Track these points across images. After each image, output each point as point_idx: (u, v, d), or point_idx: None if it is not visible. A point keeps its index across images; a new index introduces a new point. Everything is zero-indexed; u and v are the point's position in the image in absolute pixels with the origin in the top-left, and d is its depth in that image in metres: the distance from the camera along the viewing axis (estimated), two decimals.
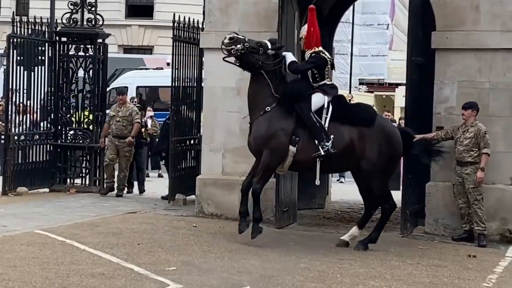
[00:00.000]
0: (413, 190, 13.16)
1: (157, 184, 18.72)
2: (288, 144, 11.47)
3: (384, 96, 52.57)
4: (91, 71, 17.03)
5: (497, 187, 12.88)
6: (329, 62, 11.83)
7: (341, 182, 21.87)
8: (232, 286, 8.95)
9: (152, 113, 21.75)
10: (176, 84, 15.78)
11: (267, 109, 11.60)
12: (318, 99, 11.62)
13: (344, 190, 18.99)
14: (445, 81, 13.12)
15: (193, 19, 16.40)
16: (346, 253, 11.20)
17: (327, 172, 13.05)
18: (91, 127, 17.08)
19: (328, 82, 11.78)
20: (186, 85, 16.04)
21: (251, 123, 11.80)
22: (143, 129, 17.71)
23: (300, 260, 10.51)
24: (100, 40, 17.17)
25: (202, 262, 10.11)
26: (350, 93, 43.94)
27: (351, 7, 30.31)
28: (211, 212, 13.95)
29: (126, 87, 22.58)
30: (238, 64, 11.82)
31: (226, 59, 11.80)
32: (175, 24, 15.74)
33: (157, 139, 19.20)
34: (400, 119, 23.47)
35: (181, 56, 15.91)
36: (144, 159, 18.52)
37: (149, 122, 20.24)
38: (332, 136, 11.39)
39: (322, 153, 11.37)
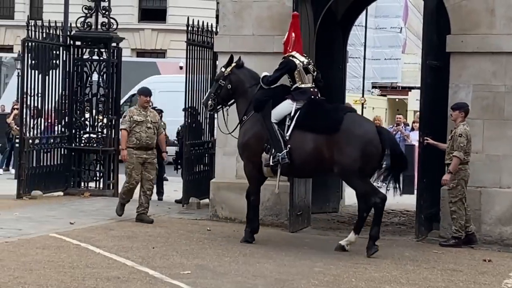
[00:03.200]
0: (427, 194, 13.12)
1: (170, 187, 18.71)
2: (262, 151, 11.72)
3: (397, 100, 52.53)
4: (105, 75, 17.06)
5: None
6: (299, 66, 11.81)
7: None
8: None
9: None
10: (190, 88, 15.79)
11: (244, 118, 12.06)
12: (284, 107, 11.74)
13: None
14: (460, 84, 13.08)
15: (207, 23, 16.41)
16: (361, 258, 11.18)
17: (303, 177, 13.16)
18: (105, 130, 17.09)
19: (300, 86, 11.80)
20: (200, 89, 16.05)
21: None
22: None
23: (315, 264, 10.50)
24: (114, 44, 17.20)
25: (217, 265, 10.11)
26: (363, 96, 44.00)
27: (364, 10, 30.26)
28: (225, 216, 13.95)
29: None
30: (224, 107, 12.49)
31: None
32: (189, 28, 15.75)
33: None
34: (413, 122, 23.41)
35: (195, 60, 15.93)
36: (162, 166, 18.31)
37: None
38: (289, 146, 11.47)
39: (271, 163, 11.59)
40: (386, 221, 15.38)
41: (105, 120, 17.16)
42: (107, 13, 17.15)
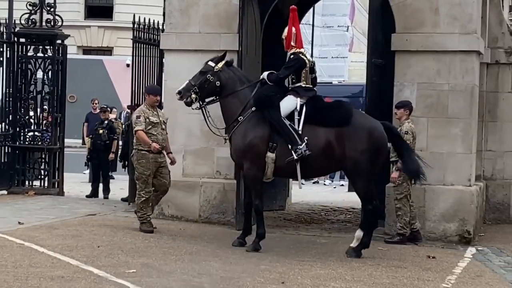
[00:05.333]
0: None
1: (117, 186, 18.61)
2: (266, 151, 11.36)
3: None
4: (50, 72, 16.88)
5: (456, 188, 12.99)
6: (308, 65, 11.58)
7: (302, 183, 21.91)
8: None
9: (115, 115, 21.70)
10: (136, 86, 15.70)
11: (240, 118, 11.54)
12: (289, 102, 11.43)
13: (305, 192, 19.03)
14: (404, 83, 13.20)
15: (153, 20, 16.34)
16: (307, 255, 11.22)
17: (310, 177, 13.00)
18: (50, 129, 16.91)
19: (303, 85, 11.53)
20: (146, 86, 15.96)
21: (229, 137, 11.68)
22: (101, 131, 17.57)
23: (261, 262, 10.51)
24: (59, 41, 17.03)
25: (162, 264, 10.06)
26: None
27: (311, 9, 30.40)
28: (171, 214, 13.89)
29: None
30: (205, 104, 11.80)
31: (194, 108, 11.83)
32: (135, 25, 15.68)
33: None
34: None
35: (141, 57, 15.84)
36: (108, 164, 18.27)
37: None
38: (306, 138, 11.20)
39: (295, 157, 11.20)
40: (332, 219, 15.52)
41: (50, 118, 16.99)
42: (52, 9, 16.98)
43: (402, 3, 13.16)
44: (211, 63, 11.80)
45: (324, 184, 22.88)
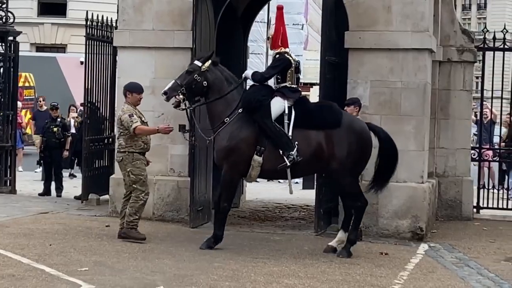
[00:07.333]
0: (326, 189, 13.27)
1: (70, 184, 18.48)
2: (253, 154, 11.17)
3: None
4: (1, 69, 16.70)
5: (408, 185, 13.08)
6: (293, 65, 11.45)
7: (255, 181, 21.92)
8: (145, 286, 8.88)
9: (76, 114, 21.58)
10: (89, 83, 15.60)
11: (226, 120, 11.29)
12: (278, 106, 11.26)
13: (259, 190, 19.06)
14: (358, 80, 13.27)
15: (107, 17, 16.24)
16: (260, 252, 11.22)
17: (297, 177, 12.93)
18: (1, 126, 16.72)
19: (289, 85, 11.41)
20: (99, 84, 15.88)
21: (214, 137, 11.44)
22: (55, 129, 17.45)
23: (214, 259, 10.50)
24: (11, 38, 16.86)
25: (115, 262, 10.01)
26: None
27: (266, 6, 30.41)
28: None
29: None
30: (191, 106, 11.53)
31: (179, 109, 11.45)
32: (88, 22, 15.58)
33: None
34: None
35: (95, 55, 15.75)
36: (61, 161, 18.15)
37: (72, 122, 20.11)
38: (296, 143, 11.09)
39: (288, 163, 11.10)
40: (286, 216, 15.54)
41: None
42: (4, 6, 16.81)
43: (355, 1, 13.22)
44: (197, 62, 11.43)
45: (279, 182, 22.88)
